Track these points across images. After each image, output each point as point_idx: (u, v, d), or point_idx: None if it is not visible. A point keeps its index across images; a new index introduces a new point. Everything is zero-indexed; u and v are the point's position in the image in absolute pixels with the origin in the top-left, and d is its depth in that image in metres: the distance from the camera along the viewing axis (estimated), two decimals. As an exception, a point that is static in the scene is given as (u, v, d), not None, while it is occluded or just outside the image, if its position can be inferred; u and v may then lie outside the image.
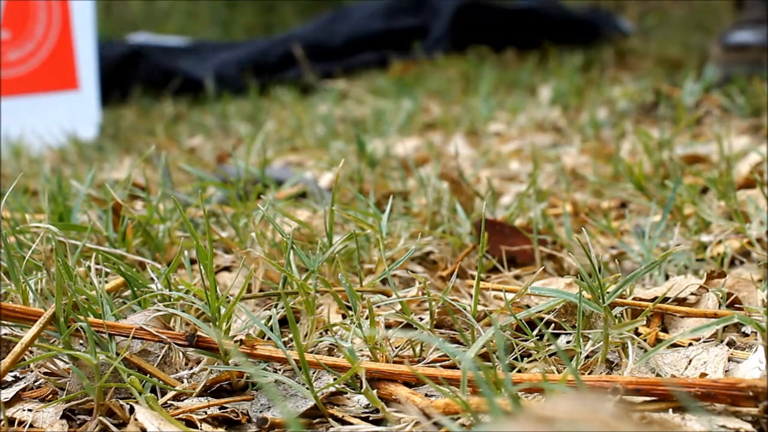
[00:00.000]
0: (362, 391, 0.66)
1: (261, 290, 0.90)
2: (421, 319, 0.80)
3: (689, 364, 0.69)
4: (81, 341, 0.76)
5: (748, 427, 0.58)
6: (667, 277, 0.90)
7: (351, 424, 0.65)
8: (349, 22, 3.47)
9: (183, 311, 0.73)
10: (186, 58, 3.26)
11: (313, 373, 0.71)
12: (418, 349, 0.75)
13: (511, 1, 3.89)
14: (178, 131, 2.26)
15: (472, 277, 0.94)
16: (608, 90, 2.19)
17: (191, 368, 0.74)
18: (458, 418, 0.62)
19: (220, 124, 2.34)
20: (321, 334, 0.79)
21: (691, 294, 0.81)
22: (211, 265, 0.72)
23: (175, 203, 0.94)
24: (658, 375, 0.69)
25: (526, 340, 0.74)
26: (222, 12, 6.45)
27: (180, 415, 0.66)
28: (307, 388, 0.66)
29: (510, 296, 0.79)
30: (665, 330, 0.79)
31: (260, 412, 0.68)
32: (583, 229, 0.89)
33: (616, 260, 0.95)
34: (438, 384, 0.64)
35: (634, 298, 0.80)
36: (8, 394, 0.71)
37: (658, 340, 0.75)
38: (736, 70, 1.94)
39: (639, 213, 1.18)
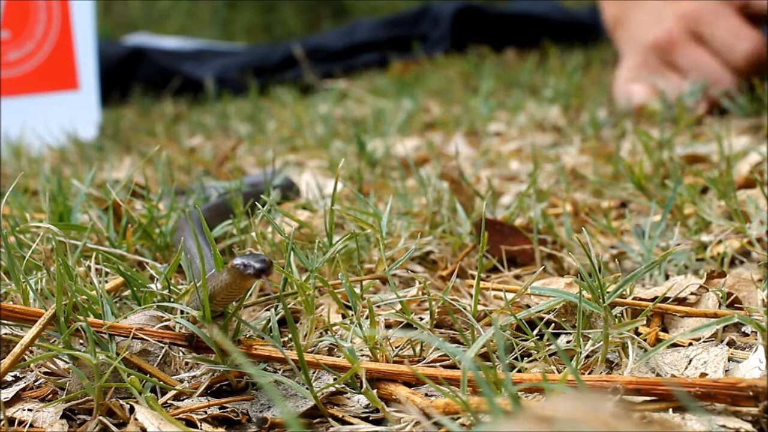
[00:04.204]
0: (362, 390, 0.66)
1: (261, 290, 0.90)
2: (421, 319, 0.80)
3: (689, 363, 0.69)
4: (81, 341, 0.76)
5: (748, 426, 0.58)
6: (667, 277, 0.90)
7: (351, 423, 0.65)
8: (353, 36, 3.49)
9: (182, 314, 0.73)
10: (187, 61, 3.27)
11: (313, 373, 0.71)
12: (418, 348, 0.75)
13: (511, 1, 3.90)
14: (178, 131, 2.26)
15: (472, 277, 0.94)
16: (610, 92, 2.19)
17: (191, 368, 0.74)
18: (458, 418, 0.62)
19: (220, 124, 2.34)
20: (321, 333, 0.79)
21: (691, 294, 0.81)
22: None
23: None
24: (658, 375, 0.69)
25: (526, 340, 0.74)
26: (222, 12, 6.45)
27: (180, 415, 0.67)
28: (307, 388, 0.66)
29: (510, 296, 0.79)
30: (665, 330, 0.79)
31: (260, 412, 0.68)
32: (583, 228, 0.89)
33: (616, 260, 0.95)
34: (438, 384, 0.64)
35: (634, 298, 0.80)
36: (8, 394, 0.71)
37: (658, 340, 0.75)
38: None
39: (639, 213, 1.18)
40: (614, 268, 0.93)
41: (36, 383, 0.74)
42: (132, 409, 0.67)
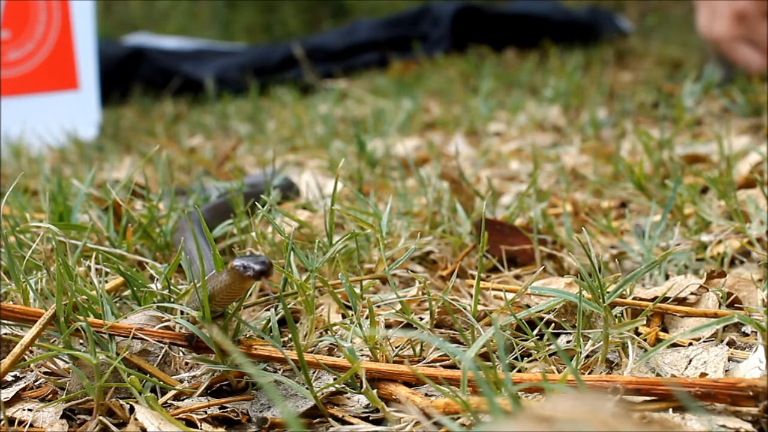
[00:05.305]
0: (362, 390, 0.66)
1: (261, 290, 0.90)
2: (421, 319, 0.80)
3: (689, 363, 0.69)
4: (81, 341, 0.76)
5: (748, 426, 0.58)
6: (667, 277, 0.90)
7: (351, 423, 0.65)
8: (353, 36, 3.49)
9: (182, 314, 0.73)
10: (187, 61, 3.27)
11: (313, 373, 0.71)
12: (418, 348, 0.75)
13: (511, 1, 3.90)
14: (178, 131, 2.26)
15: (472, 277, 0.94)
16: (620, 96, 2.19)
17: (191, 368, 0.74)
18: (458, 418, 0.62)
19: (220, 124, 2.34)
20: (321, 333, 0.79)
21: (691, 294, 0.81)
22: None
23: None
24: (658, 375, 0.69)
25: (526, 340, 0.74)
26: (222, 12, 6.45)
27: (180, 415, 0.67)
28: (307, 388, 0.66)
29: (510, 296, 0.79)
30: (665, 330, 0.79)
31: (260, 411, 0.68)
32: (583, 228, 0.89)
33: (616, 260, 0.95)
34: (438, 384, 0.64)
35: (634, 298, 0.80)
36: (8, 393, 0.71)
37: (658, 340, 0.75)
38: (736, 70, 1.95)
39: (639, 213, 1.18)
40: (614, 268, 0.93)
41: (36, 383, 0.74)
42: (132, 409, 0.67)
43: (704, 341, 0.74)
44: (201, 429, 0.65)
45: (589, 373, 0.70)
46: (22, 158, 1.88)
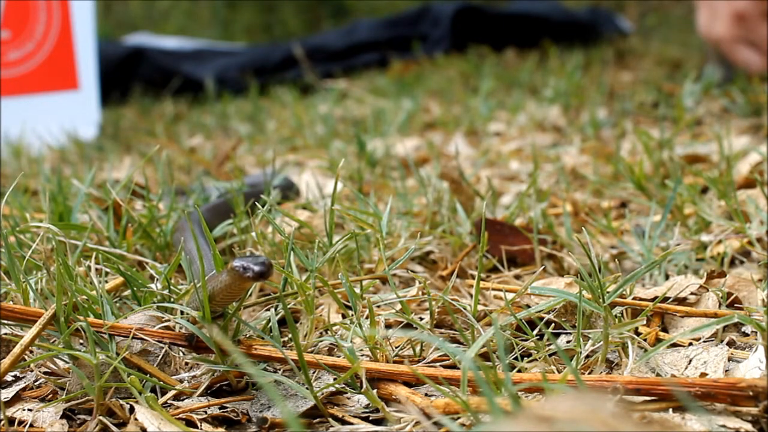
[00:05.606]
0: (362, 390, 0.66)
1: (261, 290, 0.90)
2: (421, 319, 0.80)
3: (689, 363, 0.69)
4: (81, 341, 0.76)
5: (748, 426, 0.58)
6: (667, 277, 0.90)
7: (351, 423, 0.65)
8: (353, 36, 3.50)
9: (182, 314, 0.73)
10: (187, 61, 3.27)
11: (313, 373, 0.71)
12: (418, 348, 0.75)
13: (511, 1, 3.90)
14: (178, 131, 2.26)
15: (472, 277, 0.94)
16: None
17: (191, 368, 0.74)
18: (458, 418, 0.62)
19: (220, 124, 2.34)
20: (321, 333, 0.79)
21: (691, 294, 0.81)
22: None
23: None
24: (658, 375, 0.69)
25: (526, 340, 0.74)
26: (222, 12, 6.45)
27: (180, 415, 0.67)
28: (307, 388, 0.66)
29: (510, 296, 0.79)
30: (665, 330, 0.79)
31: (260, 411, 0.68)
32: (583, 228, 0.89)
33: (616, 260, 0.95)
34: (438, 384, 0.64)
35: (634, 298, 0.80)
36: (8, 393, 0.71)
37: (658, 340, 0.75)
38: (736, 70, 1.95)
39: (639, 213, 1.18)
40: (614, 268, 0.93)
41: (36, 383, 0.74)
42: (132, 409, 0.67)
43: (704, 341, 0.74)
44: (201, 429, 0.65)
45: (589, 373, 0.70)
46: (22, 158, 1.88)
